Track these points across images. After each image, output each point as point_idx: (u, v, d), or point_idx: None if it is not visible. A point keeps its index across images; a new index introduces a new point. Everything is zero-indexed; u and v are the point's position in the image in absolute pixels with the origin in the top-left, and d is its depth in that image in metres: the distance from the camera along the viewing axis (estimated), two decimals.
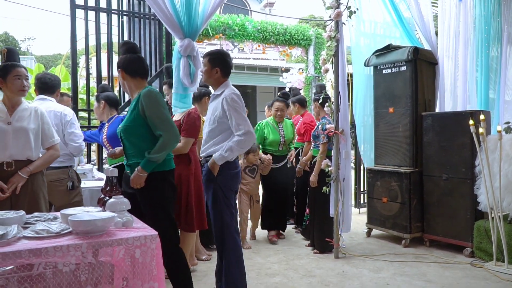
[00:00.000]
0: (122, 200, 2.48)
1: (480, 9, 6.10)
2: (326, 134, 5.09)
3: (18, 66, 3.33)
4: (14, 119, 3.30)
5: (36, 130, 3.39)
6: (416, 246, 5.46)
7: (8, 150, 3.24)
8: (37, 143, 3.39)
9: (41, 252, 1.98)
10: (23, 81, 3.31)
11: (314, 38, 10.48)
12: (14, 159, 3.26)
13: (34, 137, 3.36)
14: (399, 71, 5.68)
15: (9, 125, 3.27)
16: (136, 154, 3.15)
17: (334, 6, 4.98)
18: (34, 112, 3.42)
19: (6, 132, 3.24)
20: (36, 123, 3.40)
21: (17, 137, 3.28)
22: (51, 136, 3.49)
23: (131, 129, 3.15)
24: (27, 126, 3.32)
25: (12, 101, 3.34)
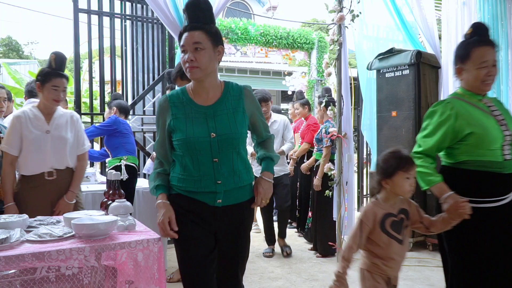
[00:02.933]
0: (125, 204, 2.48)
1: (484, 13, 6.09)
2: (329, 138, 5.09)
3: (59, 76, 3.25)
4: (52, 127, 3.26)
5: (73, 137, 3.35)
6: (419, 250, 5.45)
7: (48, 160, 3.21)
8: (73, 150, 3.36)
9: (44, 256, 1.98)
10: (60, 93, 3.25)
11: (317, 42, 10.49)
12: (55, 168, 3.23)
13: (71, 145, 3.33)
14: (402, 75, 5.67)
15: (47, 133, 3.23)
16: None
17: (337, 9, 4.97)
18: (70, 118, 3.37)
19: (45, 142, 3.20)
20: (73, 131, 3.36)
21: (56, 146, 3.24)
22: (82, 143, 3.44)
23: None
24: (65, 135, 3.28)
25: (47, 108, 3.29)
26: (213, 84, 2.31)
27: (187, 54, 2.21)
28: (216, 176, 2.23)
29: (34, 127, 3.21)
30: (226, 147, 2.24)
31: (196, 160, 2.24)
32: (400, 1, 6.07)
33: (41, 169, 3.19)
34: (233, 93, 2.34)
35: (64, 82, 3.27)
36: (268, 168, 2.44)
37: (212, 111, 2.27)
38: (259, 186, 2.36)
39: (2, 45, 33.71)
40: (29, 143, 3.18)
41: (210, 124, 2.23)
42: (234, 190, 2.29)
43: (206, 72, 2.23)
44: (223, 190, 2.24)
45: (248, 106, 2.35)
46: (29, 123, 3.21)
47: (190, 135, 2.22)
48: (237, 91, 2.35)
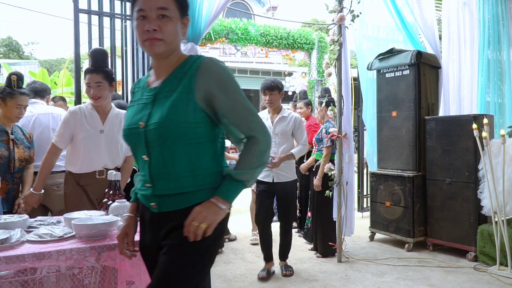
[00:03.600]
0: (125, 204, 2.47)
1: (484, 12, 6.09)
2: (330, 138, 5.09)
3: (89, 72, 3.22)
4: (106, 127, 3.29)
5: None
6: (419, 250, 5.45)
7: (102, 160, 3.26)
8: (123, 151, 3.43)
9: (44, 256, 1.98)
10: (93, 89, 3.21)
11: (317, 42, 10.48)
12: (107, 167, 3.27)
13: (122, 146, 3.38)
14: (402, 75, 5.68)
15: (101, 133, 3.27)
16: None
17: (337, 10, 4.98)
18: (123, 118, 3.33)
19: (100, 141, 3.25)
20: None
21: (109, 146, 3.29)
22: None
23: None
24: (118, 135, 3.30)
25: (99, 108, 3.29)
26: (173, 62, 1.82)
27: (147, 21, 1.72)
28: (147, 178, 1.80)
29: (89, 125, 3.25)
30: (158, 140, 1.71)
31: (136, 157, 1.87)
32: (400, 1, 6.07)
33: (93, 168, 3.25)
34: (188, 68, 1.77)
35: (94, 77, 3.20)
36: (223, 191, 1.74)
37: (154, 94, 1.80)
38: (197, 207, 1.70)
39: (3, 46, 33.73)
40: (81, 140, 3.22)
41: (146, 111, 1.78)
42: (172, 197, 1.76)
43: (170, 47, 1.77)
44: (155, 195, 1.78)
45: (200, 83, 1.73)
46: (84, 121, 3.24)
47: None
48: (193, 66, 1.77)
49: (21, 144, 3.56)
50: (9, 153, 3.44)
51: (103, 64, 3.32)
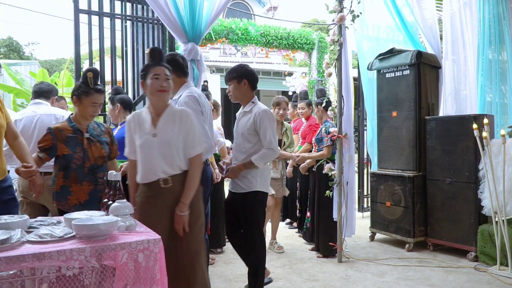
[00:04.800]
0: (126, 204, 2.47)
1: (484, 13, 6.09)
2: (330, 138, 5.09)
3: (157, 65, 2.98)
4: (158, 129, 2.95)
5: (184, 137, 2.96)
6: (420, 250, 5.45)
7: (159, 166, 2.92)
8: (184, 152, 2.99)
9: (44, 256, 1.97)
10: (162, 81, 2.93)
11: (317, 42, 10.49)
12: (169, 174, 2.92)
13: (182, 147, 2.97)
14: (402, 75, 5.68)
15: (154, 137, 2.94)
16: None
17: (337, 10, 4.98)
18: (179, 117, 2.98)
19: (152, 147, 2.93)
20: (184, 130, 2.97)
21: (164, 151, 2.92)
22: (192, 144, 3.00)
23: None
24: (171, 138, 2.93)
25: (156, 107, 3.00)
26: None
27: None
28: None
29: (142, 131, 2.99)
30: None
31: None
32: (400, 2, 6.07)
33: (153, 177, 2.93)
34: None
35: (162, 70, 2.96)
36: None
37: None
38: None
39: (3, 46, 33.73)
40: (138, 148, 2.99)
41: None
42: None
43: None
44: None
45: None
46: (137, 127, 3.01)
47: None
48: None
49: (97, 142, 3.34)
50: (83, 153, 3.26)
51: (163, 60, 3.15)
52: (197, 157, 3.01)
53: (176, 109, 3.06)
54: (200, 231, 3.07)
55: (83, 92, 3.26)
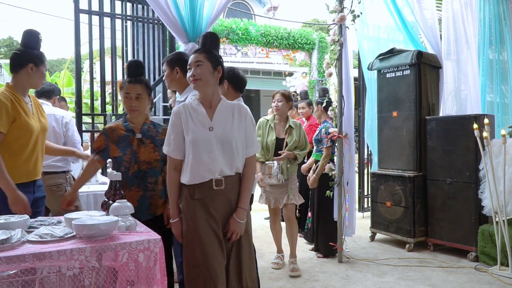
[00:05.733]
0: (126, 204, 2.47)
1: (485, 13, 6.08)
2: (330, 138, 5.08)
3: (195, 52, 2.74)
4: (215, 123, 2.66)
5: (241, 135, 2.71)
6: (420, 250, 5.45)
7: (216, 165, 2.60)
8: (242, 151, 2.72)
9: (45, 256, 1.97)
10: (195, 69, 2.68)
11: (318, 42, 10.49)
12: (224, 174, 2.63)
13: (240, 144, 2.71)
14: (402, 75, 5.68)
15: (211, 131, 2.63)
16: None
17: (338, 10, 4.98)
18: (237, 111, 2.74)
19: (210, 142, 2.61)
20: (242, 127, 2.73)
21: (222, 147, 2.63)
22: (251, 143, 2.77)
23: None
24: (230, 134, 2.66)
25: (206, 96, 2.69)
26: None
27: None
28: None
29: (195, 124, 2.65)
30: None
31: None
32: (401, 2, 6.07)
33: (207, 176, 2.60)
34: None
35: (194, 57, 2.69)
36: None
37: None
38: None
39: (3, 46, 33.73)
40: (189, 144, 2.64)
41: None
42: None
43: None
44: None
45: None
46: (190, 119, 2.65)
47: None
48: None
49: (150, 143, 3.06)
50: (132, 155, 3.03)
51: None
52: (253, 157, 2.80)
53: (231, 102, 2.79)
54: (251, 235, 2.88)
55: (121, 87, 3.12)
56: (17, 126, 2.95)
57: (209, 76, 2.64)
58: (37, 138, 3.10)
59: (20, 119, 2.95)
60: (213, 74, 2.66)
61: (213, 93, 2.70)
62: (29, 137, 3.03)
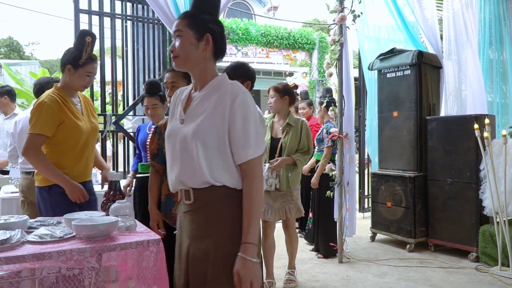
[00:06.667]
0: (126, 205, 2.45)
1: (485, 13, 6.07)
2: (331, 138, 5.07)
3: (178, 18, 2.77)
4: (190, 112, 1.92)
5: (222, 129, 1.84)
6: (421, 250, 5.43)
7: (182, 170, 1.88)
8: (225, 152, 1.85)
9: (44, 257, 1.95)
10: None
11: (318, 42, 10.48)
12: (191, 186, 1.88)
13: (218, 143, 1.84)
14: (403, 75, 5.67)
15: (182, 124, 1.91)
16: None
17: (338, 10, 4.97)
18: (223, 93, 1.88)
19: (176, 139, 1.90)
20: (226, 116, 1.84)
21: (186, 147, 1.86)
22: (243, 144, 1.84)
23: None
24: (201, 128, 1.84)
25: (194, 78, 1.98)
26: None
27: None
28: None
29: (175, 114, 2.01)
30: None
31: None
32: (401, 1, 6.06)
33: (177, 185, 1.95)
34: None
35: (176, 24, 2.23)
36: None
37: None
38: None
39: (3, 46, 33.70)
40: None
41: None
42: None
43: None
44: None
45: None
46: (175, 107, 2.03)
47: None
48: None
49: None
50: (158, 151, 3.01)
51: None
52: (253, 165, 1.86)
53: (224, 81, 1.95)
54: None
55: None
56: (65, 128, 2.92)
57: (191, 50, 1.89)
58: (87, 139, 3.07)
59: (67, 121, 2.92)
60: (197, 47, 1.90)
61: (201, 73, 1.95)
62: (78, 139, 3.00)
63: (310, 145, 4.16)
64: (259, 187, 1.87)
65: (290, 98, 4.21)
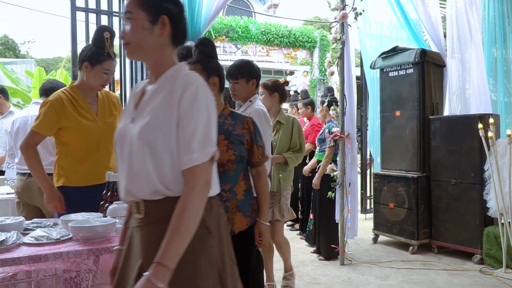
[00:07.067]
0: (123, 206, 2.43)
1: (489, 10, 6.03)
2: (333, 138, 5.03)
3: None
4: (140, 110, 1.67)
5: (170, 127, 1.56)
6: (424, 252, 5.39)
7: (124, 179, 1.66)
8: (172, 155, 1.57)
9: (40, 259, 1.94)
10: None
11: (319, 40, 10.46)
12: (141, 197, 1.62)
13: (165, 145, 1.57)
14: (406, 74, 5.62)
15: (131, 123, 1.66)
16: None
17: (340, 7, 4.96)
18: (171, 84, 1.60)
19: (125, 140, 1.64)
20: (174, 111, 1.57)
21: (130, 150, 1.62)
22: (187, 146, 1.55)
23: None
24: (148, 127, 1.57)
25: (149, 68, 1.74)
26: None
27: None
28: None
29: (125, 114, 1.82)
30: None
31: None
32: None
33: (126, 196, 1.70)
34: None
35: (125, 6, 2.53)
36: None
37: None
38: None
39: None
40: None
41: None
42: None
43: None
44: None
45: None
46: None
47: None
48: None
49: (224, 140, 2.37)
50: None
51: None
52: (198, 171, 1.55)
53: (182, 72, 1.66)
54: None
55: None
56: (68, 129, 2.85)
57: (144, 36, 1.63)
58: (99, 140, 2.93)
59: (69, 122, 2.83)
60: (151, 31, 1.63)
61: (156, 62, 1.68)
62: (83, 141, 2.89)
63: (302, 143, 4.01)
64: (198, 198, 1.53)
65: (280, 95, 4.02)
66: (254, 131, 2.47)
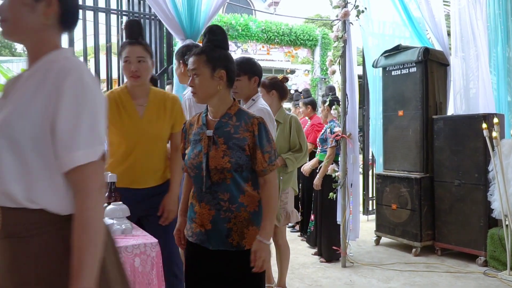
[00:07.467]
0: (121, 207, 2.41)
1: (494, 8, 5.97)
2: (334, 138, 4.96)
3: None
4: (7, 99, 1.51)
5: (42, 127, 1.35)
6: (427, 254, 5.33)
7: None
8: (45, 164, 1.35)
9: None
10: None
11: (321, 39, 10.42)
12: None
13: (31, 149, 1.34)
14: (408, 73, 5.55)
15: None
16: None
17: (341, 5, 4.90)
18: (57, 73, 1.36)
19: None
20: (45, 98, 1.35)
21: None
22: (70, 145, 1.34)
23: None
24: (6, 122, 1.35)
25: (29, 52, 1.48)
26: None
27: None
28: None
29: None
30: None
31: None
32: None
33: None
34: None
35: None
36: None
37: None
38: None
39: None
40: None
41: None
42: None
43: None
44: None
45: None
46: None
47: None
48: None
49: (223, 144, 2.16)
50: (200, 159, 2.20)
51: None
52: (86, 172, 1.34)
53: (62, 57, 1.43)
54: None
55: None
56: (110, 129, 2.75)
57: (23, 13, 1.40)
58: (136, 144, 2.81)
59: (110, 122, 2.69)
60: (33, 8, 1.40)
61: (36, 44, 1.46)
62: (121, 142, 2.82)
63: (302, 142, 3.82)
64: (95, 206, 1.33)
65: (279, 92, 3.83)
66: (259, 135, 2.16)
